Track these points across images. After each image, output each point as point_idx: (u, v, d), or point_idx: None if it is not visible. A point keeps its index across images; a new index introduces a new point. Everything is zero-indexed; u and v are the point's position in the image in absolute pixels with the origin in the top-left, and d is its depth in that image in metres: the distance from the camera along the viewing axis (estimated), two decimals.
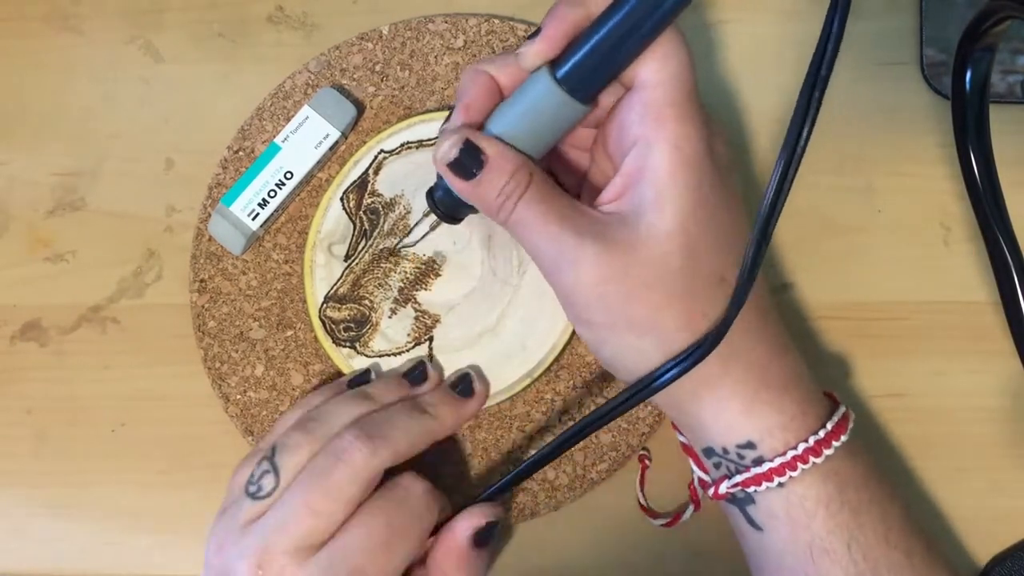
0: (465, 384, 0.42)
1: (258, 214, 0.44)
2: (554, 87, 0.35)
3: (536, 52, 0.35)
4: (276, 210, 0.45)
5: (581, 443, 0.43)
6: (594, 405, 0.43)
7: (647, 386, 0.35)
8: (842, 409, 0.37)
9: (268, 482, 0.37)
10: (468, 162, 0.35)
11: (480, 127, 0.36)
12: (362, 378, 0.42)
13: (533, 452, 0.40)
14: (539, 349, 0.43)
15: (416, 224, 0.43)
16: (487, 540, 0.38)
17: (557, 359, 0.43)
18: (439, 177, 0.38)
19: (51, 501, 0.46)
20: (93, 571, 0.45)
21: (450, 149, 0.35)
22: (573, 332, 0.43)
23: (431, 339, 0.43)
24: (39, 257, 0.48)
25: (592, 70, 0.35)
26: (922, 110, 0.45)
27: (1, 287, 0.48)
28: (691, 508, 0.42)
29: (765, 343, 0.37)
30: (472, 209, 0.38)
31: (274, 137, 0.45)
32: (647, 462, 0.43)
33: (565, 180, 0.40)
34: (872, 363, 0.44)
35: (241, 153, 0.46)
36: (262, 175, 0.45)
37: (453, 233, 0.44)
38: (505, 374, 0.43)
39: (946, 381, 0.44)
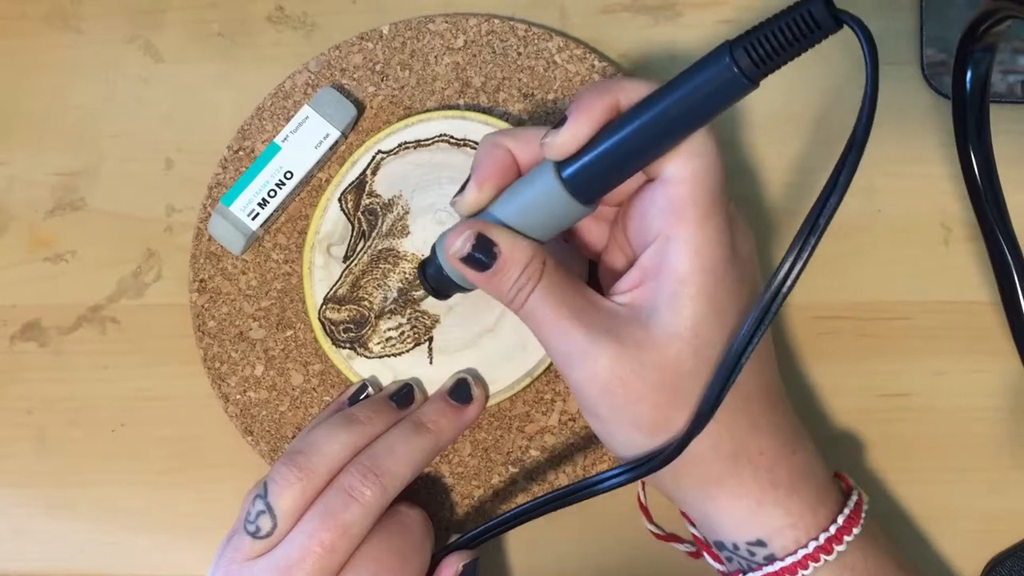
0: (462, 390, 0.42)
1: (258, 214, 0.44)
2: (558, 187, 0.34)
3: (562, 144, 0.34)
4: (276, 210, 0.45)
5: (580, 444, 0.43)
6: None
7: (591, 486, 0.37)
8: (854, 497, 0.37)
9: (265, 523, 0.37)
10: (481, 255, 0.35)
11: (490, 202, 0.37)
12: (359, 393, 0.43)
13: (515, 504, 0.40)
14: (539, 349, 0.43)
15: (397, 296, 0.43)
16: None
17: None
18: (433, 253, 0.38)
19: (51, 501, 0.46)
20: (93, 571, 0.45)
21: (463, 245, 0.35)
22: None
23: (430, 340, 0.43)
24: (39, 257, 0.48)
25: (597, 177, 0.34)
26: (922, 110, 0.45)
27: (1, 287, 0.48)
28: (690, 548, 0.41)
29: (776, 442, 0.36)
30: (461, 289, 0.39)
31: (274, 137, 0.45)
32: (643, 502, 0.43)
33: (584, 245, 0.40)
34: (872, 363, 0.44)
35: (241, 153, 0.46)
36: (262, 175, 0.45)
37: None
38: (505, 374, 0.43)
39: (946, 381, 0.44)
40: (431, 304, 0.43)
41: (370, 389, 0.43)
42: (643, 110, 0.33)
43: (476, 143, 0.44)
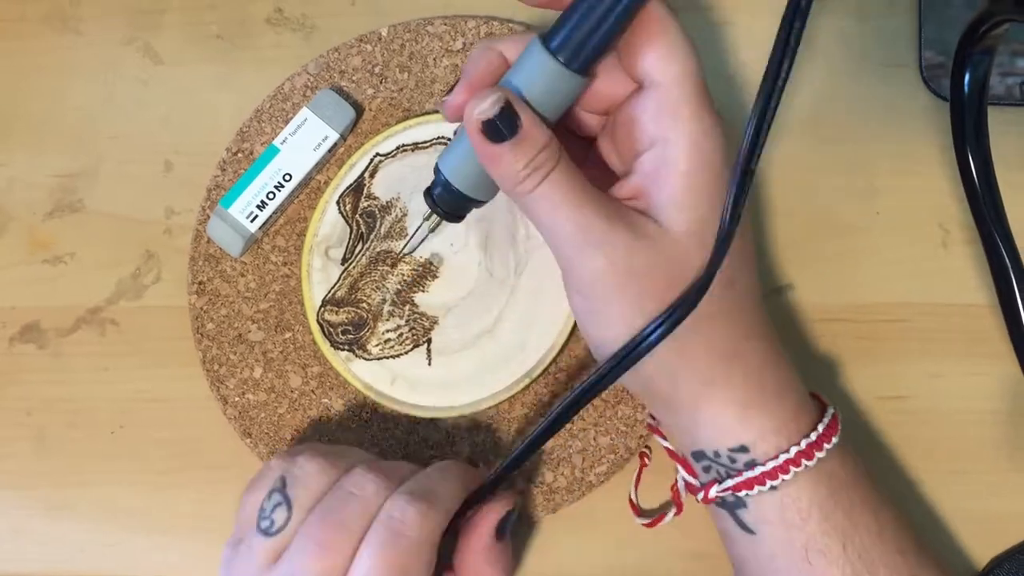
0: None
1: (256, 216, 0.44)
2: (547, 58, 0.34)
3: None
4: (275, 212, 0.45)
5: (580, 446, 0.43)
6: (591, 405, 0.43)
7: (635, 348, 0.34)
8: (831, 410, 0.37)
9: (280, 516, 0.36)
10: (503, 125, 0.34)
11: None
12: None
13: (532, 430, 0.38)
14: (537, 350, 0.43)
15: (416, 230, 0.42)
16: (506, 531, 0.38)
17: (555, 360, 0.43)
18: (436, 172, 0.37)
19: (50, 502, 0.46)
20: (93, 571, 0.45)
21: (491, 106, 0.34)
22: (571, 333, 0.43)
23: (429, 341, 0.43)
24: (38, 259, 0.48)
25: (584, 38, 0.34)
26: (921, 112, 0.45)
27: (0, 288, 0.48)
28: (673, 511, 0.41)
29: (764, 348, 0.37)
30: (476, 203, 0.38)
31: (273, 139, 0.45)
32: (647, 460, 0.43)
33: (578, 128, 0.40)
34: (870, 365, 0.44)
35: (240, 155, 0.46)
36: (260, 177, 0.45)
37: (450, 235, 0.44)
38: (503, 376, 0.43)
39: (944, 383, 0.44)
40: (430, 306, 0.43)
41: None
42: None
43: None
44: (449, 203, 0.38)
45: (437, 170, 0.38)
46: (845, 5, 0.47)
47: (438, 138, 0.44)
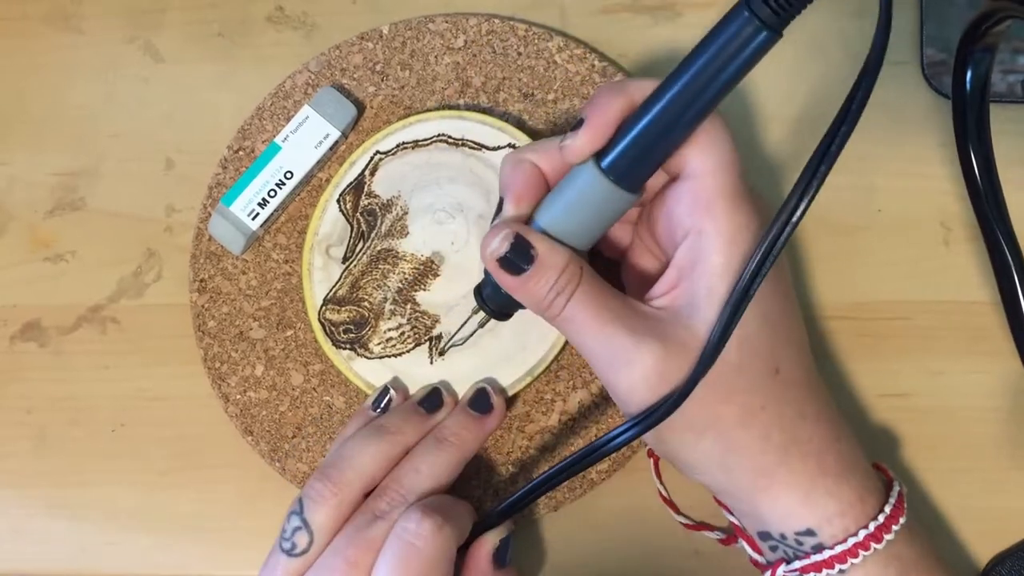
0: (482, 400, 0.41)
1: (258, 214, 0.44)
2: (601, 178, 0.34)
3: (581, 146, 0.34)
4: (276, 210, 0.45)
5: (582, 444, 0.43)
6: (594, 403, 0.43)
7: (601, 447, 0.36)
8: (897, 488, 0.37)
9: (302, 539, 0.37)
10: (517, 258, 0.35)
11: (527, 220, 0.36)
12: (381, 397, 0.42)
13: (537, 473, 0.40)
14: (538, 348, 0.43)
15: (464, 323, 0.42)
16: (504, 558, 0.38)
17: (557, 358, 0.43)
18: (486, 274, 0.38)
19: (51, 501, 0.46)
20: (93, 571, 0.45)
21: (500, 244, 0.35)
22: None
23: (430, 340, 0.43)
24: (39, 257, 0.48)
25: (638, 159, 0.34)
26: (922, 110, 0.45)
27: (1, 287, 0.48)
28: (721, 536, 0.42)
29: (822, 430, 0.36)
30: (522, 306, 0.38)
31: (274, 137, 0.45)
32: (656, 455, 0.43)
33: (609, 246, 0.40)
34: (872, 363, 0.44)
35: (241, 153, 0.46)
36: (262, 175, 0.45)
37: (451, 233, 0.44)
38: (505, 374, 0.43)
39: (946, 381, 0.44)
40: (431, 304, 0.43)
41: (392, 392, 0.42)
42: (671, 82, 0.33)
43: (474, 143, 0.44)
44: (497, 303, 0.39)
45: (487, 271, 0.38)
46: (846, 4, 0.47)
47: (438, 135, 0.44)
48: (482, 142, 0.44)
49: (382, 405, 0.42)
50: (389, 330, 0.44)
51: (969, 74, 0.41)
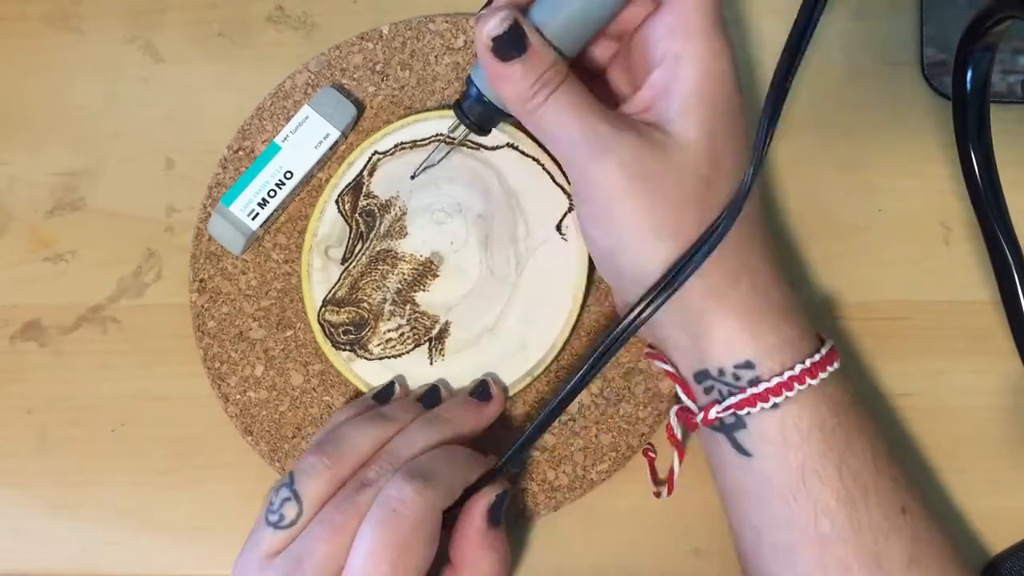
0: (482, 389, 0.42)
1: (258, 214, 0.44)
2: None
3: None
4: (276, 210, 0.45)
5: (581, 444, 0.43)
6: (593, 403, 0.43)
7: (673, 279, 0.35)
8: (830, 343, 0.38)
9: (290, 510, 0.36)
10: (511, 42, 0.35)
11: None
12: (387, 391, 0.42)
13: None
14: (539, 348, 0.43)
15: (440, 141, 0.42)
16: (499, 516, 0.38)
17: (557, 358, 0.43)
18: (468, 84, 0.39)
19: (51, 501, 0.46)
20: (93, 571, 0.45)
21: (499, 24, 0.35)
22: (572, 331, 0.43)
23: (430, 340, 0.43)
24: (39, 257, 0.48)
25: None
26: (922, 110, 0.45)
27: (1, 287, 0.48)
28: (676, 458, 0.41)
29: (768, 268, 0.37)
30: (503, 117, 0.39)
31: (274, 137, 0.45)
32: (652, 455, 0.43)
33: (590, 60, 0.41)
34: (873, 363, 0.44)
35: (241, 153, 0.46)
36: (262, 175, 0.45)
37: (451, 234, 0.44)
38: (504, 374, 0.43)
39: (947, 380, 0.44)
40: (431, 305, 0.43)
41: (397, 388, 0.42)
42: None
43: (472, 143, 0.44)
44: (479, 114, 0.39)
45: (469, 81, 0.39)
46: (846, 4, 0.47)
47: (437, 135, 0.44)
48: (481, 142, 0.44)
49: (386, 395, 0.42)
50: (389, 331, 0.44)
51: (969, 74, 0.41)
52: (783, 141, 0.46)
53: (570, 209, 0.43)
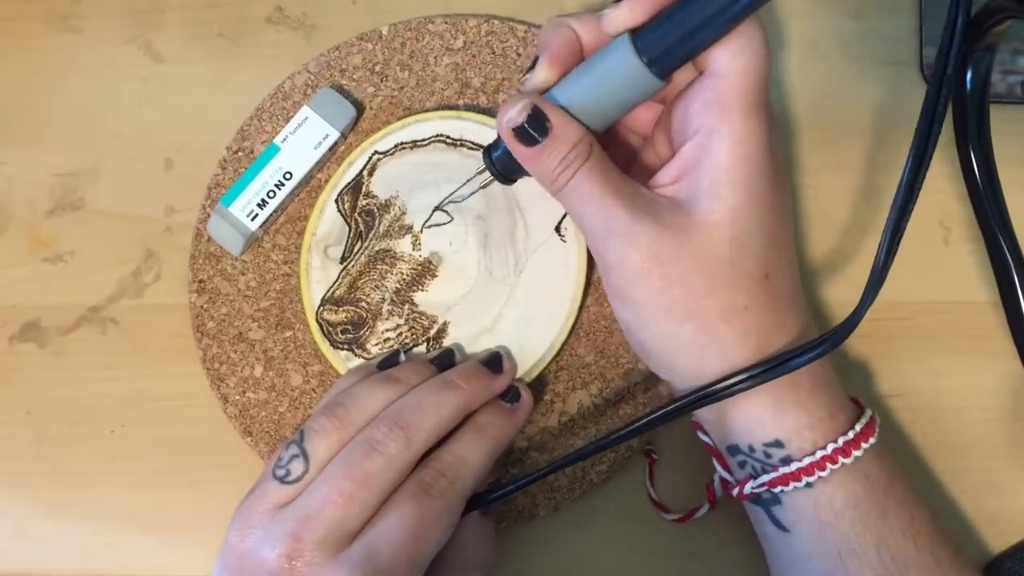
0: (494, 360, 0.41)
1: (257, 215, 0.44)
2: (633, 56, 0.35)
3: (620, 16, 0.35)
4: (275, 211, 0.45)
5: (581, 444, 0.43)
6: (593, 403, 0.43)
7: (721, 390, 0.35)
8: (869, 412, 0.37)
9: (297, 466, 0.36)
10: (533, 129, 0.36)
11: (546, 92, 0.37)
12: (391, 360, 0.42)
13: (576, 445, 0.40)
14: (537, 349, 0.43)
15: (467, 182, 0.42)
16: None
17: (555, 359, 0.43)
18: (499, 136, 0.39)
19: (51, 501, 0.46)
20: (93, 571, 0.45)
21: (518, 114, 0.36)
22: (571, 332, 0.43)
23: (428, 340, 0.43)
24: (38, 257, 0.48)
25: (675, 45, 0.34)
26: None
27: (0, 287, 0.48)
28: (706, 507, 0.41)
29: (796, 343, 0.36)
30: (527, 173, 0.39)
31: (273, 138, 0.45)
32: (654, 456, 0.43)
33: (616, 159, 0.40)
34: (872, 363, 0.44)
35: (240, 153, 0.46)
36: (261, 176, 0.45)
37: (450, 234, 0.44)
38: None
39: (946, 381, 0.43)
40: (429, 305, 0.43)
41: (403, 355, 0.42)
42: None
43: (473, 143, 0.44)
44: (505, 166, 0.39)
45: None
46: (845, 5, 0.47)
47: (437, 136, 0.44)
48: (481, 143, 0.44)
49: (387, 367, 0.42)
50: (387, 330, 0.44)
51: (969, 74, 0.41)
52: (783, 141, 0.46)
53: None
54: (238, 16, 0.49)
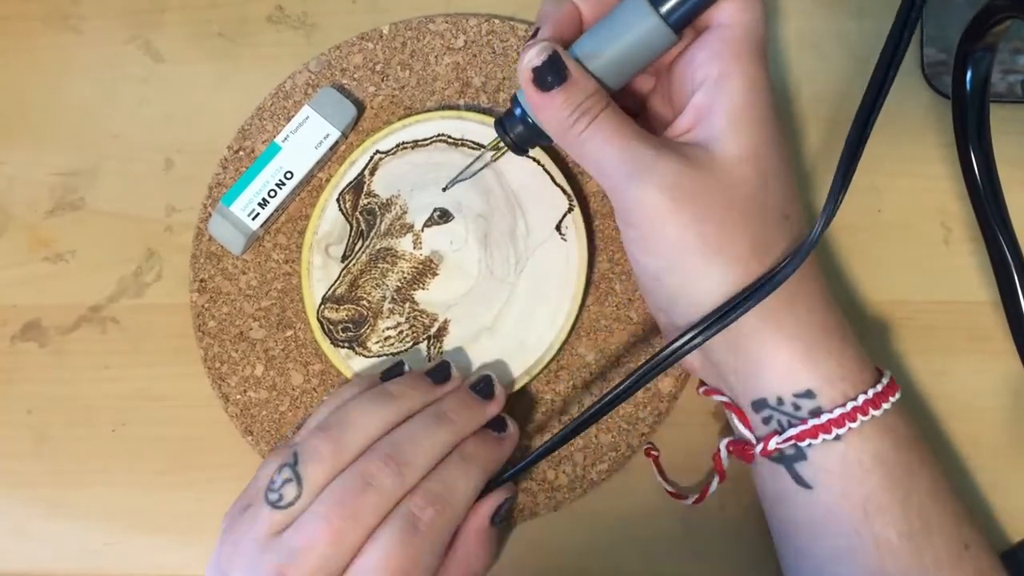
0: (485, 385, 0.41)
1: (258, 214, 0.44)
2: (649, 9, 0.35)
3: None
4: (276, 210, 0.45)
5: (581, 443, 0.43)
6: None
7: (727, 312, 0.35)
8: (888, 373, 0.37)
9: (290, 491, 0.36)
10: (551, 73, 0.36)
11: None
12: (395, 371, 0.42)
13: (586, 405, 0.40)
14: (537, 348, 0.43)
15: (479, 155, 0.42)
16: (501, 517, 0.39)
17: (555, 358, 0.43)
18: (514, 104, 0.39)
19: (51, 501, 0.46)
20: (93, 571, 0.45)
21: (537, 55, 0.36)
22: (571, 331, 0.43)
23: (429, 339, 0.43)
24: (39, 257, 0.48)
25: None
26: (922, 110, 0.45)
27: (1, 287, 0.48)
28: (716, 480, 0.41)
29: (823, 292, 0.37)
30: (541, 140, 0.39)
31: (274, 137, 0.45)
32: (655, 453, 0.43)
33: (632, 91, 0.41)
34: (872, 362, 0.44)
35: (241, 153, 0.46)
36: (262, 175, 0.45)
37: (450, 233, 0.44)
38: (503, 373, 0.43)
39: (947, 381, 0.43)
40: (430, 303, 0.43)
41: (407, 366, 0.42)
42: None
43: (474, 143, 0.44)
44: (519, 134, 0.39)
45: (515, 101, 0.39)
46: (846, 5, 0.47)
47: (438, 135, 0.44)
48: (481, 142, 0.44)
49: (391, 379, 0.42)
50: (387, 329, 0.44)
51: (969, 74, 0.41)
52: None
53: (570, 209, 0.43)
54: (238, 16, 0.49)
